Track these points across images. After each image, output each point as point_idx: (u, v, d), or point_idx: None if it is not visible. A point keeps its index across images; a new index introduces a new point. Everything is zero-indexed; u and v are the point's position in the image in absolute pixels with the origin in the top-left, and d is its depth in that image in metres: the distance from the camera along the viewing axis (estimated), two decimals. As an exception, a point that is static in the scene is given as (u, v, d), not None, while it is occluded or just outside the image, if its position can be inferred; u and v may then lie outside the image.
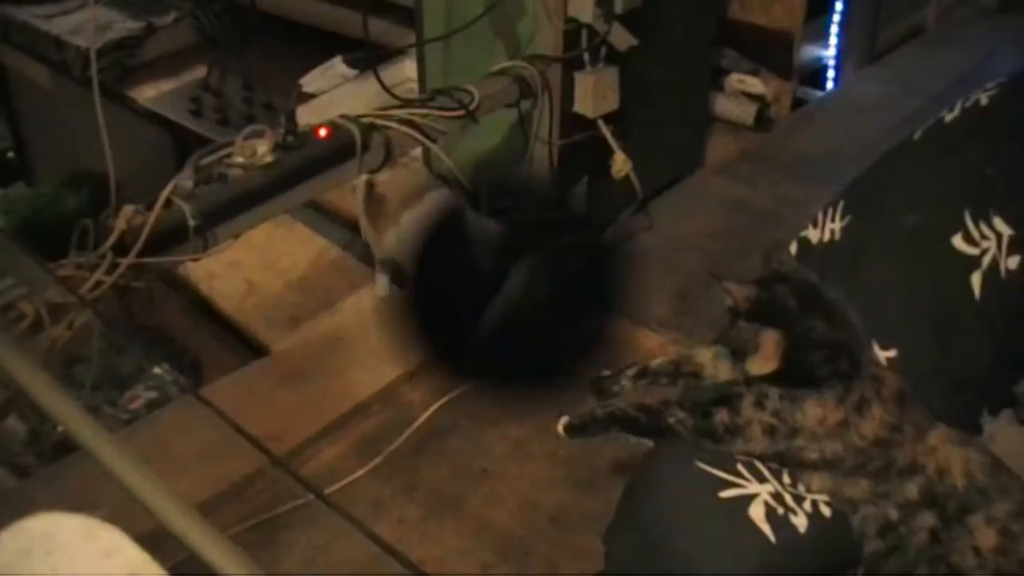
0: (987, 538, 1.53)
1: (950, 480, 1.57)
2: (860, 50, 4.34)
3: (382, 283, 2.80)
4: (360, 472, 2.29)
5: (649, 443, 1.74)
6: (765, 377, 1.63)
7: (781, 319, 1.62)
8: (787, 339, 1.61)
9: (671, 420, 1.67)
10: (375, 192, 2.53)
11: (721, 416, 1.64)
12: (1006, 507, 1.55)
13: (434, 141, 2.41)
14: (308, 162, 2.17)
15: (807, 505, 1.63)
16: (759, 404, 1.62)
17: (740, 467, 1.65)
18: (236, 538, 2.04)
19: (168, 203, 1.94)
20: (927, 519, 1.57)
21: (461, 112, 2.41)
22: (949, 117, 2.02)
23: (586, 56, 2.59)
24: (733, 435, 1.65)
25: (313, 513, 2.14)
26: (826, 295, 1.65)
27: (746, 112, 3.86)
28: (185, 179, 1.99)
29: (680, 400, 1.71)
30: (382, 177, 2.52)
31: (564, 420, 1.76)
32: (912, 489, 1.58)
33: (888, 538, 1.61)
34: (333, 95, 3.53)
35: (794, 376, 1.62)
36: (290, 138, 2.14)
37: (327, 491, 2.22)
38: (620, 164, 2.75)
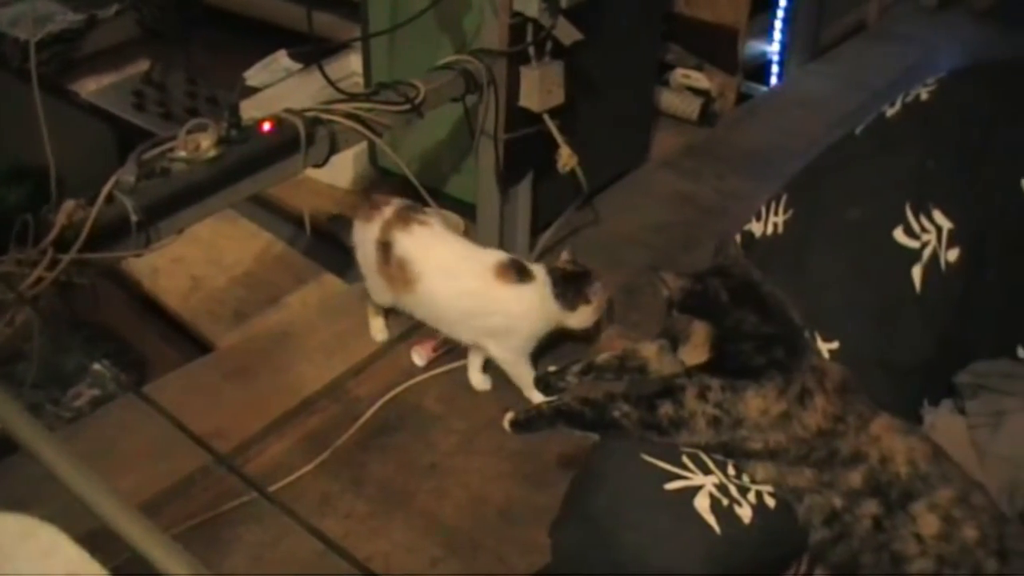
0: (929, 525, 1.55)
1: (893, 468, 1.59)
2: (803, 46, 4.38)
3: (379, 327, 2.68)
4: (307, 468, 2.28)
5: (595, 437, 1.75)
6: (703, 368, 1.65)
7: (711, 312, 1.64)
8: (716, 331, 1.63)
9: (616, 414, 1.68)
10: (393, 255, 2.40)
11: (665, 409, 1.65)
12: (948, 494, 1.57)
13: (379, 135, 2.40)
14: (252, 156, 2.15)
15: (752, 496, 1.65)
16: (702, 396, 1.64)
17: (685, 459, 1.66)
18: (181, 536, 2.03)
19: (110, 198, 1.91)
20: (871, 507, 1.59)
21: (406, 106, 2.40)
22: (890, 112, 2.04)
23: (532, 50, 2.59)
24: (678, 427, 1.66)
25: (259, 510, 2.13)
26: (762, 290, 1.67)
27: (691, 107, 3.88)
28: (127, 174, 1.96)
29: (625, 393, 1.71)
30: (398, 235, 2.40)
31: (510, 416, 1.76)
32: (856, 478, 1.60)
33: (834, 526, 1.62)
34: (278, 89, 3.51)
35: (729, 366, 1.63)
36: (234, 132, 2.12)
37: (274, 487, 2.20)
38: (566, 158, 2.75)
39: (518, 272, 2.37)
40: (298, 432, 2.40)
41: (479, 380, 2.52)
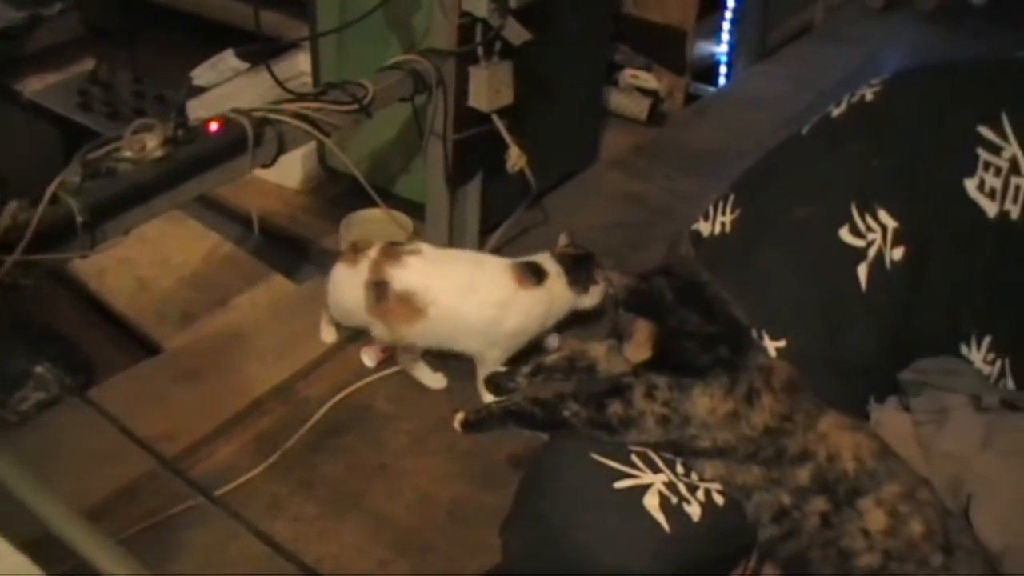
0: (876, 520, 1.57)
1: (840, 465, 1.60)
2: (751, 47, 4.42)
3: (330, 330, 2.66)
4: (256, 470, 2.27)
5: (546, 437, 1.75)
6: (650, 366, 1.66)
7: (655, 310, 1.65)
8: (660, 329, 1.64)
9: (566, 413, 1.68)
10: (391, 292, 2.36)
11: (615, 408, 1.66)
12: (895, 489, 1.59)
13: (328, 135, 2.39)
14: (199, 156, 2.14)
15: (700, 494, 1.66)
16: (650, 395, 1.64)
17: (634, 458, 1.66)
18: (128, 541, 2.01)
19: (55, 198, 1.89)
20: (818, 503, 1.60)
21: (355, 106, 2.39)
22: (836, 112, 2.06)
23: (480, 50, 2.59)
24: (627, 426, 1.66)
25: (207, 513, 2.12)
26: (707, 291, 1.68)
27: (640, 107, 3.90)
28: (72, 174, 1.94)
29: (574, 393, 1.72)
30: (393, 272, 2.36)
31: (460, 416, 1.76)
32: (803, 475, 1.62)
33: (782, 523, 1.64)
34: (225, 88, 3.48)
35: (673, 364, 1.64)
36: (180, 132, 2.10)
37: (223, 490, 2.19)
38: (515, 158, 2.76)
39: (535, 274, 2.41)
40: (247, 434, 2.38)
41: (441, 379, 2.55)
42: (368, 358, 2.59)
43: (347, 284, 2.41)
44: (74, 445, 2.21)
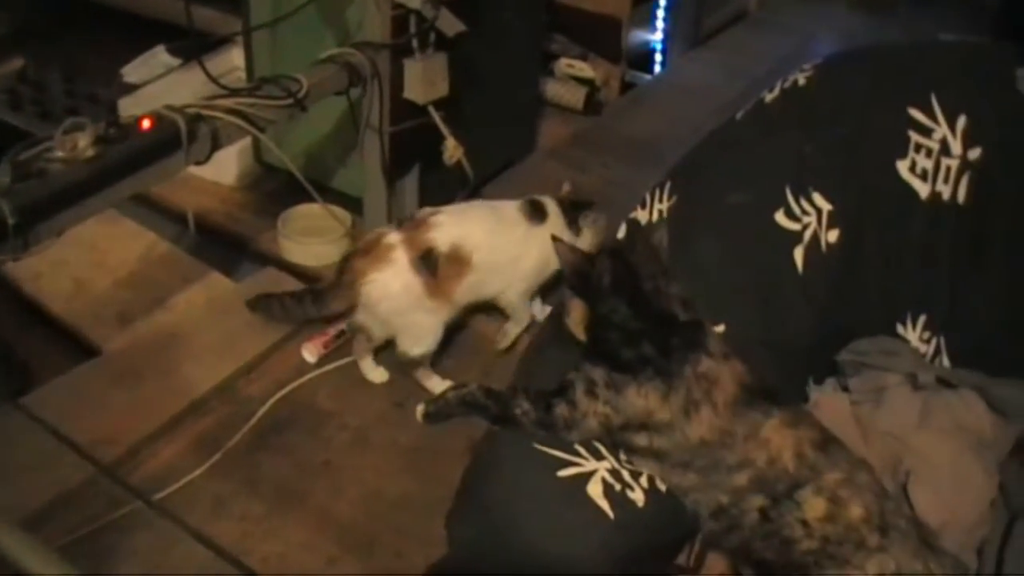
0: (816, 508, 1.59)
1: (781, 465, 1.61)
2: (686, 34, 4.45)
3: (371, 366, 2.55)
4: (199, 470, 2.24)
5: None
6: (585, 355, 1.67)
7: (590, 294, 1.66)
8: (590, 313, 1.65)
9: (517, 411, 1.70)
10: (439, 254, 2.31)
11: (561, 409, 1.67)
12: (835, 476, 1.61)
13: (263, 131, 2.37)
14: (132, 155, 2.11)
15: (644, 480, 1.67)
16: (591, 392, 1.65)
17: (577, 446, 1.67)
18: (69, 548, 1.98)
19: (-16, 201, 1.86)
20: (756, 500, 1.62)
21: (289, 101, 2.38)
22: (769, 97, 2.08)
23: (415, 42, 2.59)
24: (570, 428, 1.68)
25: (150, 516, 2.09)
26: (645, 285, 1.66)
27: (576, 96, 3.91)
28: (2, 175, 1.90)
29: (525, 388, 1.73)
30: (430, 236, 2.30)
31: (421, 409, 1.78)
32: (741, 479, 1.62)
33: (721, 520, 1.65)
34: (158, 85, 3.44)
35: (601, 352, 1.65)
36: (112, 130, 2.07)
37: (165, 492, 2.17)
38: (452, 150, 2.76)
39: (537, 210, 2.50)
40: (189, 434, 2.36)
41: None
42: (309, 354, 2.57)
43: (397, 283, 2.30)
44: (10, 453, 2.17)
